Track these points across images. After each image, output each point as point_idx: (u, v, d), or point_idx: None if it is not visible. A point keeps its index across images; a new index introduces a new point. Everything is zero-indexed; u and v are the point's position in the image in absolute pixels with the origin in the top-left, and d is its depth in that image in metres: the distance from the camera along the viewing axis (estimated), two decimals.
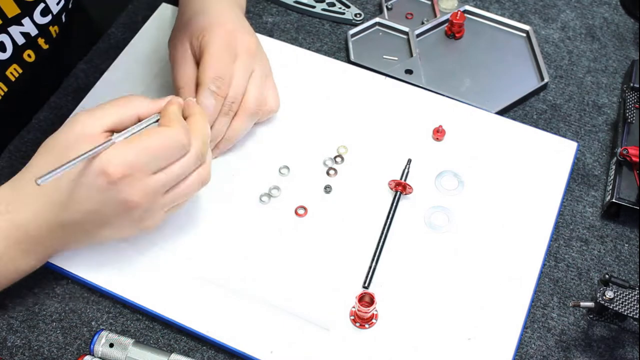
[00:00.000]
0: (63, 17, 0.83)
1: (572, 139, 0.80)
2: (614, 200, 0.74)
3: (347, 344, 0.68)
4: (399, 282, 0.71)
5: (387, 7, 0.91)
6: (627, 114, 0.79)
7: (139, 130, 0.64)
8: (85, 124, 0.64)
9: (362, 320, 0.68)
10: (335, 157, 0.78)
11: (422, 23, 0.90)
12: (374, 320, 0.68)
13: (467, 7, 0.90)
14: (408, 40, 0.89)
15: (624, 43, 0.89)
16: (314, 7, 0.91)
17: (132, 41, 0.87)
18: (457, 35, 0.89)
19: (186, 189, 0.66)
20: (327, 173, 0.77)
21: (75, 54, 0.88)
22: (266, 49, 0.82)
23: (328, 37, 0.90)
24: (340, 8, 0.91)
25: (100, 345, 0.67)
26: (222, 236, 0.73)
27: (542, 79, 0.85)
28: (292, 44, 0.87)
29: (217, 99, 0.72)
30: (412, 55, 0.87)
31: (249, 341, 0.68)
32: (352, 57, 0.87)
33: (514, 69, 0.87)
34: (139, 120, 0.66)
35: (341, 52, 0.88)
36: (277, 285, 0.70)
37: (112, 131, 0.64)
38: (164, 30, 0.88)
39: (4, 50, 0.77)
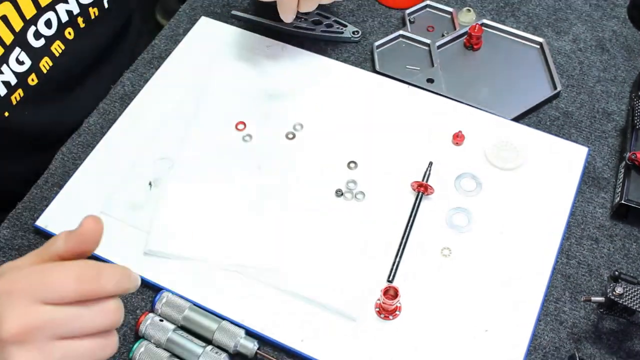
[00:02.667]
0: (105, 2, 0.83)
1: (583, 144, 0.80)
2: (622, 201, 0.74)
3: (373, 334, 0.68)
4: (421, 277, 0.71)
5: (409, 20, 0.91)
6: (635, 121, 0.79)
7: None
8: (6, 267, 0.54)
9: (386, 312, 0.69)
10: (364, 164, 0.79)
11: (443, 35, 0.90)
12: (397, 312, 0.69)
13: (485, 21, 0.91)
14: (429, 51, 0.89)
15: (632, 54, 0.89)
16: (313, 29, 0.90)
17: (174, 52, 0.88)
18: (475, 46, 0.89)
19: (85, 347, 0.51)
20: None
21: (122, 64, 0.89)
22: (296, 60, 0.83)
23: (355, 49, 0.90)
24: (338, 28, 0.90)
25: (162, 304, 0.69)
26: (259, 234, 0.74)
27: (555, 87, 0.85)
28: (322, 54, 0.88)
29: None
30: (433, 65, 0.87)
31: (282, 330, 0.68)
32: (377, 67, 0.87)
33: (528, 78, 0.87)
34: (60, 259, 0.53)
35: (367, 63, 0.89)
36: (308, 279, 0.71)
37: None
38: (203, 41, 0.89)
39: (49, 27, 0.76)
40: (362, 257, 0.72)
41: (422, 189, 0.76)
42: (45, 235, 0.75)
